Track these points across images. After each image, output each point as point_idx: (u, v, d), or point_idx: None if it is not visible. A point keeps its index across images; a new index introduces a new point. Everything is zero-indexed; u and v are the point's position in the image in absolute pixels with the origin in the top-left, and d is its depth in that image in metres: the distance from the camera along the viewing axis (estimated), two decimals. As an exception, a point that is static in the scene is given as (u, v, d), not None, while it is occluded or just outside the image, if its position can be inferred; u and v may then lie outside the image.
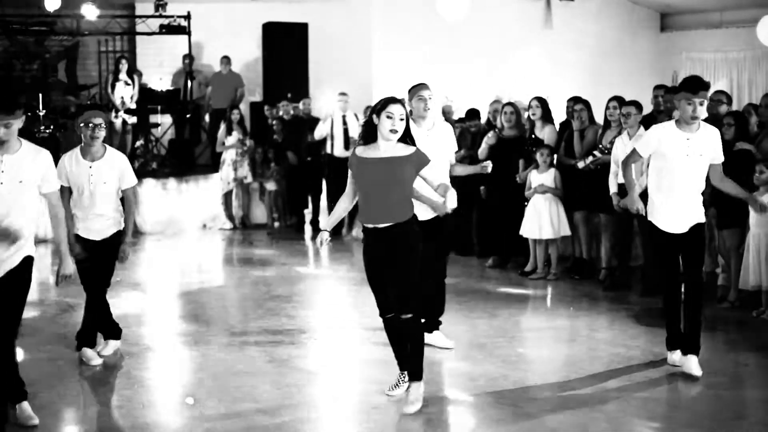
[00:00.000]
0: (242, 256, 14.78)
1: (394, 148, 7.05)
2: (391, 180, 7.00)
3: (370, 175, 7.04)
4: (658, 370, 8.22)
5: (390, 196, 7.01)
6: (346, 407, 7.43)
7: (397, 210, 7.04)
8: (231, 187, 17.08)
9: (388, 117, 6.97)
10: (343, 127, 16.12)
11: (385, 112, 6.99)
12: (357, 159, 7.12)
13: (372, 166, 7.02)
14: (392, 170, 7.00)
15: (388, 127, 6.97)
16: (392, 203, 7.03)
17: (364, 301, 11.23)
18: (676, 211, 8.02)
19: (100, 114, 8.36)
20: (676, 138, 7.93)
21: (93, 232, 8.27)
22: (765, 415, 7.14)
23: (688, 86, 7.90)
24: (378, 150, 7.06)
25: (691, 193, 8.05)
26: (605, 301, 11.10)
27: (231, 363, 8.48)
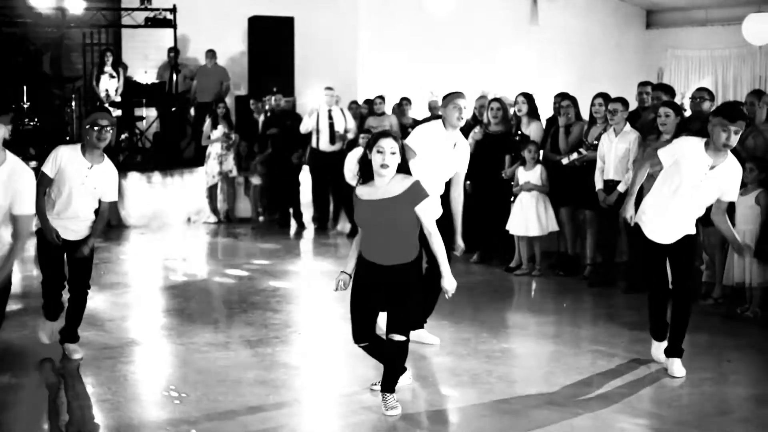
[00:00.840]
0: (227, 250, 14.75)
1: (391, 183, 6.82)
2: (390, 223, 6.82)
3: (370, 217, 6.86)
4: (642, 367, 8.24)
5: (391, 239, 6.85)
6: (331, 402, 7.42)
7: (398, 253, 6.87)
8: (216, 180, 17.05)
9: (379, 152, 6.76)
10: (329, 121, 16.10)
11: (375, 147, 6.79)
12: (357, 200, 6.93)
13: (370, 208, 6.84)
14: (390, 213, 6.80)
15: (379, 163, 6.76)
16: (393, 246, 6.86)
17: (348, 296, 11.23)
18: (666, 225, 7.93)
19: (108, 116, 8.17)
20: (700, 161, 7.64)
21: (70, 232, 8.13)
22: (748, 411, 7.16)
23: (726, 113, 7.56)
24: (375, 189, 6.86)
25: (686, 215, 7.91)
26: (590, 297, 11.12)
27: (215, 357, 8.46)
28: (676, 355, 8.00)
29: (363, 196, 6.88)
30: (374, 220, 6.82)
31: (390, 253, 6.84)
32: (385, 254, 6.86)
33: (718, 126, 7.52)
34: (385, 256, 6.86)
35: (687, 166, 7.66)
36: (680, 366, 7.94)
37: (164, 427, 6.66)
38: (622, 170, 11.07)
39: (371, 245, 6.91)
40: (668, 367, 7.99)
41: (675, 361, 7.97)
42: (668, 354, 8.05)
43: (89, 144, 8.00)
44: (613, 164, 11.14)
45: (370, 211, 6.83)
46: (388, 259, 6.85)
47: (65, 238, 8.11)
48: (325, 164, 16.12)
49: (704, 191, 7.72)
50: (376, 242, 6.87)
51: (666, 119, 10.36)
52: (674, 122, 10.37)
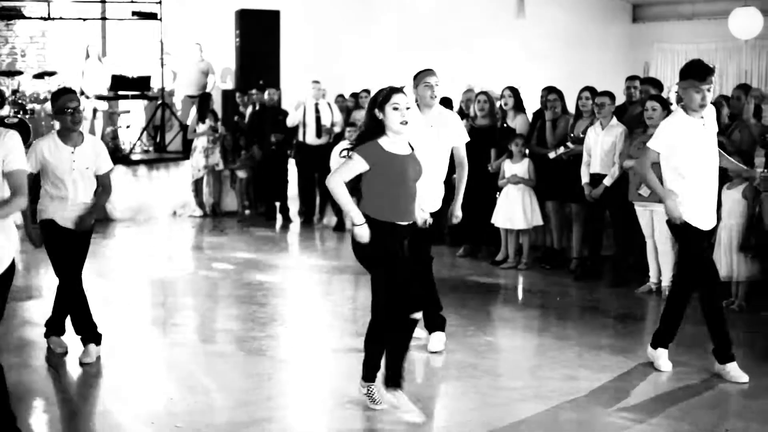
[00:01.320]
0: (213, 243, 14.73)
1: (405, 143, 6.69)
2: (419, 177, 6.67)
3: (406, 170, 6.57)
4: (629, 360, 8.24)
5: (416, 193, 6.70)
6: (317, 395, 7.42)
7: (416, 207, 6.80)
8: (201, 174, 17.02)
9: (395, 109, 6.49)
10: (316, 115, 16.10)
11: (390, 105, 6.49)
12: (387, 154, 6.52)
13: (405, 162, 6.57)
14: (418, 167, 6.67)
15: (398, 120, 6.48)
16: (413, 201, 6.71)
17: (335, 290, 11.27)
18: (707, 204, 7.63)
19: (75, 96, 7.98)
20: (691, 127, 7.50)
21: (70, 221, 7.90)
22: (735, 404, 7.17)
23: (695, 73, 7.44)
24: (397, 145, 6.59)
25: (715, 179, 7.65)
26: (576, 291, 11.14)
27: (201, 351, 8.46)
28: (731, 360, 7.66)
29: (393, 150, 6.56)
30: (410, 173, 6.58)
31: (415, 207, 6.75)
32: (413, 209, 6.71)
33: (690, 89, 7.42)
34: (413, 211, 6.73)
35: (685, 136, 7.48)
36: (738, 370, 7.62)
37: (150, 420, 6.65)
38: (608, 164, 11.09)
39: (402, 202, 6.60)
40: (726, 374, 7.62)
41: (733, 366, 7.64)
42: (723, 360, 7.68)
43: (64, 129, 7.87)
44: (599, 158, 11.16)
45: (407, 164, 6.58)
46: (414, 214, 6.75)
47: (64, 227, 7.90)
48: (311, 158, 16.11)
49: (710, 145, 7.59)
50: (407, 197, 6.62)
51: (653, 113, 10.39)
52: (661, 116, 10.37)
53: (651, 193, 10.42)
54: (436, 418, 6.94)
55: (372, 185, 6.57)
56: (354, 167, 6.55)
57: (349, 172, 6.57)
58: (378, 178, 6.51)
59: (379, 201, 6.55)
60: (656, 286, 10.77)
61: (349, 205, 6.61)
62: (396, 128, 6.49)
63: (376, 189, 6.55)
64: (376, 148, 6.51)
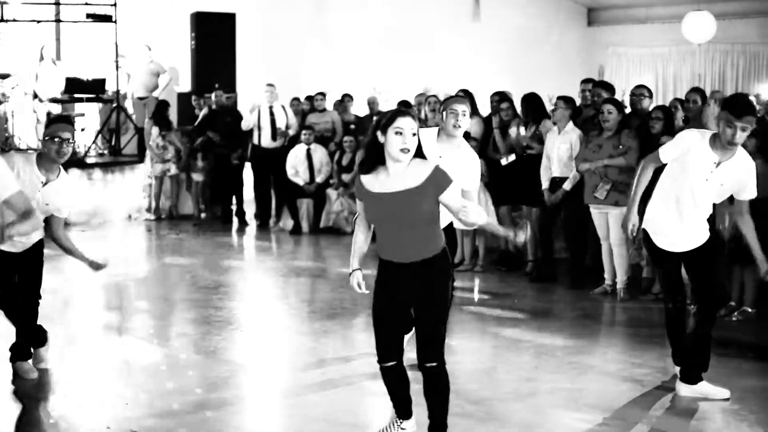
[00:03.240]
0: (169, 246, 14.66)
1: (408, 169, 5.82)
2: (412, 217, 5.82)
3: (385, 211, 5.84)
4: (585, 361, 8.29)
5: (412, 233, 5.86)
6: (274, 399, 7.40)
7: (422, 246, 5.91)
8: (153, 178, 16.95)
9: (397, 133, 5.72)
10: (270, 118, 16.09)
11: (393, 128, 5.73)
12: (366, 192, 5.90)
13: (386, 202, 5.82)
14: (411, 205, 5.79)
15: (399, 146, 5.72)
16: (416, 240, 5.89)
17: (291, 293, 11.25)
18: (677, 232, 7.29)
19: (69, 128, 7.57)
20: (705, 156, 7.04)
21: (18, 244, 7.41)
22: (689, 405, 7.21)
23: (732, 108, 6.91)
24: (389, 177, 5.82)
25: (696, 216, 7.24)
26: (532, 293, 11.18)
27: (157, 355, 8.41)
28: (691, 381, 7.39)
29: (373, 188, 5.87)
30: (392, 214, 5.81)
31: (412, 248, 5.89)
32: (406, 251, 5.90)
33: (724, 121, 6.91)
34: (407, 253, 5.90)
35: (693, 161, 7.06)
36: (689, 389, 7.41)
37: (105, 426, 6.61)
38: (566, 168, 11.17)
39: (388, 242, 5.91)
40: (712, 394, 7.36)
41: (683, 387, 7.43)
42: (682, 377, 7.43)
43: (47, 157, 7.39)
44: (557, 162, 11.24)
45: (386, 205, 5.82)
46: (410, 256, 5.89)
47: (7, 251, 7.40)
48: (266, 161, 16.12)
49: (711, 190, 7.13)
50: (394, 238, 5.88)
51: (609, 116, 10.52)
52: (616, 119, 10.54)
53: (606, 196, 10.49)
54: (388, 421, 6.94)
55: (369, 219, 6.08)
56: (360, 208, 6.10)
57: (361, 213, 6.11)
58: (367, 214, 6.00)
59: (377, 235, 6.01)
60: (611, 288, 10.84)
61: (353, 249, 6.17)
62: (395, 155, 5.75)
63: (372, 224, 6.07)
64: (360, 183, 5.93)
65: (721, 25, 18.50)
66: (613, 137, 10.59)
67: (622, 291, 10.72)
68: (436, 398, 6.10)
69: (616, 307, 10.54)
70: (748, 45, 20.56)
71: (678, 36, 18.86)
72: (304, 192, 15.57)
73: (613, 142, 10.58)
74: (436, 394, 6.09)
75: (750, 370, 8.13)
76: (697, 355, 7.35)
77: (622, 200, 10.47)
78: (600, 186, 10.54)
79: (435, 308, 5.98)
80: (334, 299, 10.72)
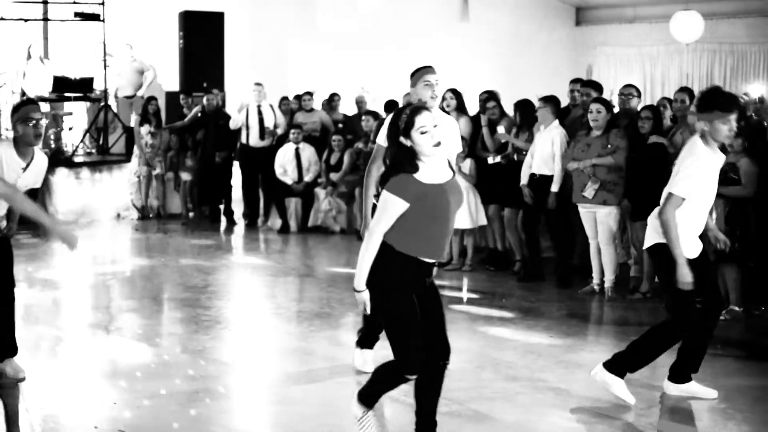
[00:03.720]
0: (157, 246, 14.64)
1: (443, 165, 5.78)
2: (460, 206, 5.82)
3: (449, 202, 5.65)
4: (573, 360, 8.31)
5: (453, 224, 5.85)
6: (261, 397, 7.40)
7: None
8: (140, 177, 16.92)
9: (423, 132, 5.56)
10: (258, 117, 16.09)
11: (416, 129, 5.56)
12: (426, 188, 5.56)
13: (447, 193, 5.65)
14: (459, 195, 5.81)
15: (431, 143, 5.58)
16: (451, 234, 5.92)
17: (279, 292, 11.25)
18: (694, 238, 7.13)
19: (38, 108, 7.49)
20: (715, 162, 7.03)
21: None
22: (676, 404, 7.22)
23: (720, 105, 6.91)
24: (432, 171, 5.64)
25: None
26: (520, 292, 11.18)
27: (145, 354, 8.40)
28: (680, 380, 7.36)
29: (431, 181, 5.61)
30: (454, 204, 5.69)
31: (447, 243, 5.93)
32: (444, 246, 5.85)
33: (717, 121, 6.87)
34: (445, 248, 5.90)
35: (710, 176, 7.00)
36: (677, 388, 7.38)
37: (93, 425, 6.60)
38: (545, 166, 11.20)
39: (438, 238, 5.71)
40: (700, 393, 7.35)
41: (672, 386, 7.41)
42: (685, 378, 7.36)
43: (23, 141, 7.33)
44: (539, 159, 11.26)
45: (451, 194, 5.67)
46: (445, 252, 6.03)
47: None
48: (255, 160, 16.10)
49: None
50: (444, 232, 5.73)
51: (597, 115, 10.54)
52: (605, 118, 10.57)
53: (595, 195, 10.51)
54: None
55: (408, 221, 5.60)
56: (394, 211, 5.57)
57: (389, 220, 5.59)
58: (417, 214, 5.58)
59: (413, 237, 5.64)
60: (599, 287, 10.86)
61: (365, 265, 5.65)
62: (429, 152, 5.59)
63: (411, 225, 5.60)
64: (412, 182, 5.57)
65: (709, 25, 18.55)
66: (601, 137, 10.61)
67: (609, 290, 10.74)
68: (437, 397, 6.06)
69: (604, 306, 10.56)
70: (736, 44, 20.60)
71: (666, 35, 18.90)
72: (293, 191, 15.56)
73: (602, 141, 10.60)
74: (438, 393, 6.06)
75: (738, 369, 8.15)
76: (693, 356, 7.32)
77: (610, 199, 10.51)
78: (588, 185, 10.56)
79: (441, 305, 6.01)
80: (322, 298, 10.71)
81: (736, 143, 9.59)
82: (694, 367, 7.38)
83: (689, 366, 7.35)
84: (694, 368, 7.38)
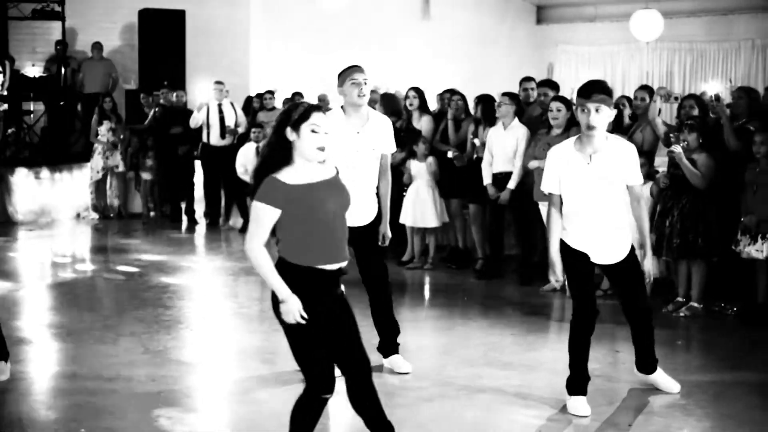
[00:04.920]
0: (117, 246, 14.57)
1: (318, 169, 5.37)
2: (346, 206, 5.44)
3: (324, 201, 5.28)
4: (534, 357, 8.34)
5: (345, 225, 5.44)
6: (223, 398, 7.37)
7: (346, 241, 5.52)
8: (99, 176, 16.83)
9: (314, 131, 5.22)
10: (219, 115, 16.03)
11: (308, 125, 5.22)
12: (298, 188, 5.21)
13: (327, 192, 5.32)
14: (344, 195, 5.44)
15: (316, 144, 5.23)
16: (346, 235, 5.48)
17: (241, 291, 11.22)
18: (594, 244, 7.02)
19: None
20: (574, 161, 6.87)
21: None
22: (637, 400, 7.25)
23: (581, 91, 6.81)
24: (306, 173, 5.28)
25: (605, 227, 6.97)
26: (481, 290, 11.21)
27: (106, 354, 8.35)
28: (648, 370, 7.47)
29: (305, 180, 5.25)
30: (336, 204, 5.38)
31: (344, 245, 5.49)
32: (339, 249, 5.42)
33: (578, 108, 6.77)
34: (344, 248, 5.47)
35: (566, 174, 6.84)
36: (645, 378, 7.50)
37: (53, 427, 6.56)
38: (509, 164, 11.23)
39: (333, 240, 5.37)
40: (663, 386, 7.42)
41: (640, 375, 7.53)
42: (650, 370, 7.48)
43: None
44: (501, 157, 11.28)
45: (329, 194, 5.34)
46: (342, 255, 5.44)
47: None
48: (216, 159, 16.04)
49: (598, 188, 6.79)
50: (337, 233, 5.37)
51: (558, 113, 10.57)
52: (565, 116, 10.59)
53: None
54: (341, 418, 6.93)
55: (287, 228, 5.29)
56: (265, 221, 5.23)
57: (262, 229, 5.24)
58: (292, 219, 5.24)
59: (300, 245, 5.28)
60: (560, 285, 10.89)
61: (270, 277, 5.23)
62: (310, 154, 5.24)
63: (293, 232, 5.28)
64: (277, 185, 5.20)
65: (669, 24, 18.69)
66: (561, 135, 10.63)
67: (571, 287, 10.77)
68: (377, 405, 5.65)
69: (565, 304, 10.58)
70: (695, 43, 20.78)
71: (626, 34, 19.03)
72: (254, 190, 15.50)
73: (562, 139, 10.60)
74: (375, 401, 5.65)
75: (698, 366, 8.20)
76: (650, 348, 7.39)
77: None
78: (548, 184, 10.59)
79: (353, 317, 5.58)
80: (284, 297, 10.69)
81: (691, 139, 9.68)
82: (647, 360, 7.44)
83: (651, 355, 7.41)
84: (647, 361, 7.45)
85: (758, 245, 9.37)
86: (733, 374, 7.97)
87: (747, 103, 10.27)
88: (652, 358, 7.43)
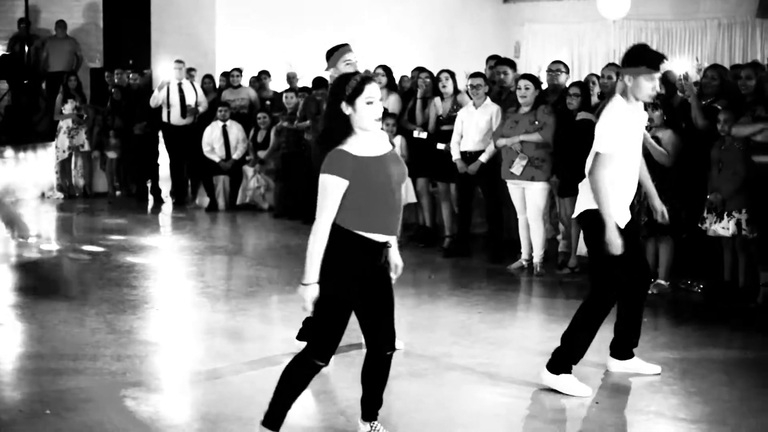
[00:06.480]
0: (83, 225, 14.49)
1: (382, 140, 5.51)
2: (403, 179, 5.59)
3: (388, 175, 5.39)
4: (502, 336, 8.33)
5: (398, 201, 5.55)
6: (189, 378, 7.33)
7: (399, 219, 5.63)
8: (65, 155, 16.72)
9: (369, 103, 5.32)
10: (180, 95, 15.92)
11: (363, 98, 5.31)
12: (359, 160, 5.29)
13: (386, 165, 5.41)
14: (402, 168, 5.55)
15: (374, 116, 5.35)
16: (401, 209, 5.64)
17: (207, 270, 11.18)
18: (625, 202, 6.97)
19: None
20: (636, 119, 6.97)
21: None
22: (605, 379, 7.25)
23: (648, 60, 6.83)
24: (370, 145, 5.38)
25: None
26: (449, 269, 11.21)
27: (71, 334, 8.29)
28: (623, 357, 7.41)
29: (365, 153, 5.34)
30: (393, 177, 5.43)
31: (398, 219, 5.61)
32: (394, 222, 5.57)
33: (642, 77, 6.79)
34: (394, 225, 5.59)
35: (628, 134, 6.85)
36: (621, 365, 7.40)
37: (18, 408, 6.49)
38: (484, 142, 11.20)
39: (387, 212, 5.48)
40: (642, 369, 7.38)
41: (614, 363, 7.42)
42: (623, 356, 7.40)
43: None
44: (473, 136, 11.25)
45: (388, 167, 5.42)
46: (395, 228, 5.62)
47: None
48: (178, 138, 15.94)
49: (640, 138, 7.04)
50: (392, 206, 5.48)
51: (526, 92, 10.58)
52: (533, 94, 10.61)
53: (522, 171, 10.55)
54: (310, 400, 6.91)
55: (349, 198, 5.32)
56: (334, 192, 5.27)
57: (331, 201, 5.28)
58: (357, 190, 5.30)
59: (357, 214, 5.35)
60: (528, 263, 10.91)
61: (314, 258, 5.30)
62: (370, 125, 5.34)
63: (354, 202, 5.32)
64: (345, 157, 5.29)
65: (636, 2, 18.63)
66: (529, 113, 10.65)
67: (538, 265, 10.79)
68: (383, 384, 5.87)
69: (532, 282, 10.61)
70: (662, 21, 20.77)
71: (593, 12, 18.95)
72: (220, 169, 15.47)
73: (530, 117, 10.63)
74: (384, 381, 5.85)
75: (664, 343, 8.21)
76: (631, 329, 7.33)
77: (538, 176, 10.57)
78: (516, 162, 10.59)
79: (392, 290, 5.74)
80: (250, 276, 10.68)
81: (656, 116, 9.69)
82: (634, 341, 7.38)
83: (629, 341, 7.38)
84: (634, 342, 7.39)
85: (724, 223, 9.39)
86: (700, 351, 8.01)
87: (719, 84, 10.25)
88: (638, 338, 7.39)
